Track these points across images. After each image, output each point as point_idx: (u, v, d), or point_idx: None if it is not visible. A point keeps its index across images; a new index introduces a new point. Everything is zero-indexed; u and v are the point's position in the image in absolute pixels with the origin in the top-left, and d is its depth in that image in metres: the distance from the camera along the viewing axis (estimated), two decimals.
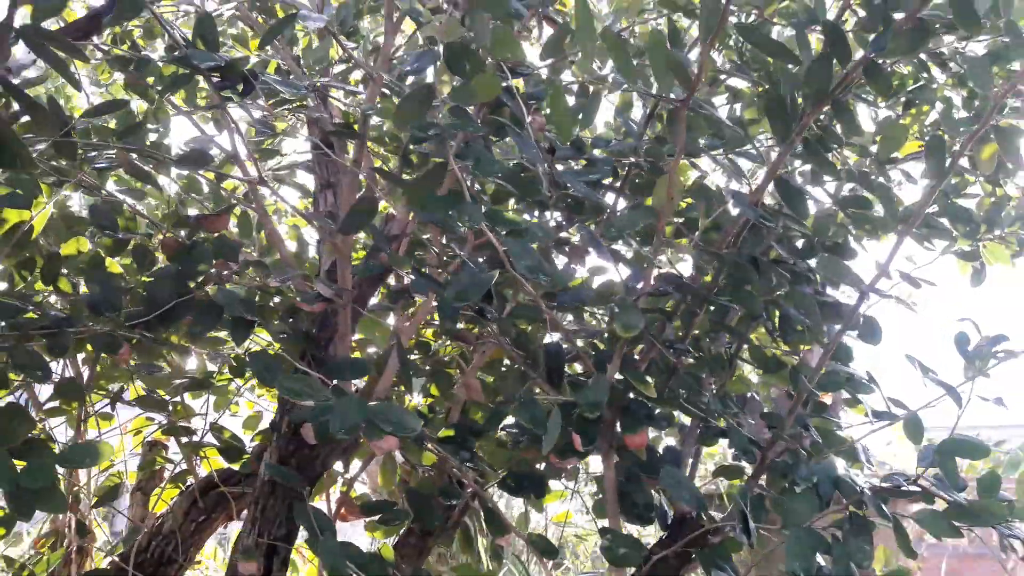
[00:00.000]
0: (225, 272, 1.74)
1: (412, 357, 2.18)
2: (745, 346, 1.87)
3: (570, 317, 1.73)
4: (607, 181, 1.83)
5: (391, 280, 2.18)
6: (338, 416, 1.27)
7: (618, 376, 1.53)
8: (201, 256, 1.54)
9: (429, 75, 2.04)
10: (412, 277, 1.50)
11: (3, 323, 1.41)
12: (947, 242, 2.21)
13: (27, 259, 1.68)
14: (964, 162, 2.28)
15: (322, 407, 1.31)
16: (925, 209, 1.56)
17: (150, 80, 1.91)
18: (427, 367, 2.14)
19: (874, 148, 1.84)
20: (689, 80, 1.27)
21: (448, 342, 2.26)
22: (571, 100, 2.44)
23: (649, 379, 1.40)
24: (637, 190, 1.96)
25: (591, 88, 1.77)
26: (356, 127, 2.12)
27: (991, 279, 2.44)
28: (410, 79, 1.62)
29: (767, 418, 1.85)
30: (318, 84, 1.71)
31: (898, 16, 1.30)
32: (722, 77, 1.66)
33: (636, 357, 1.50)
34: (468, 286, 1.27)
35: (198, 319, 1.51)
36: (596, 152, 1.81)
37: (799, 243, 1.62)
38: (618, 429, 1.54)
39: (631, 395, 1.48)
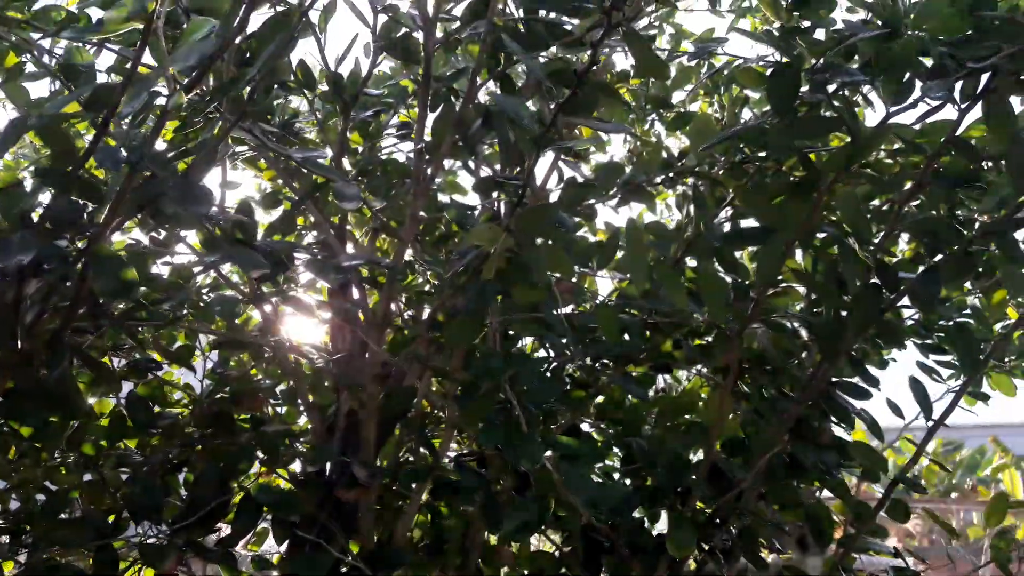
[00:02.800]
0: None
1: None
2: None
3: None
4: None
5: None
6: None
7: None
8: (243, 455, 1.53)
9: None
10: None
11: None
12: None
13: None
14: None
15: None
16: (958, 402, 1.60)
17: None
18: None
19: None
20: (743, 316, 1.29)
21: None
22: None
23: None
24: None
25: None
26: (381, 280, 2.11)
27: None
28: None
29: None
30: (355, 267, 1.70)
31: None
32: None
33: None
34: (527, 523, 1.28)
35: (239, 519, 1.50)
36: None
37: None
38: None
39: None
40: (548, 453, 1.39)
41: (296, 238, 2.55)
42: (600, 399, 2.18)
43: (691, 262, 1.77)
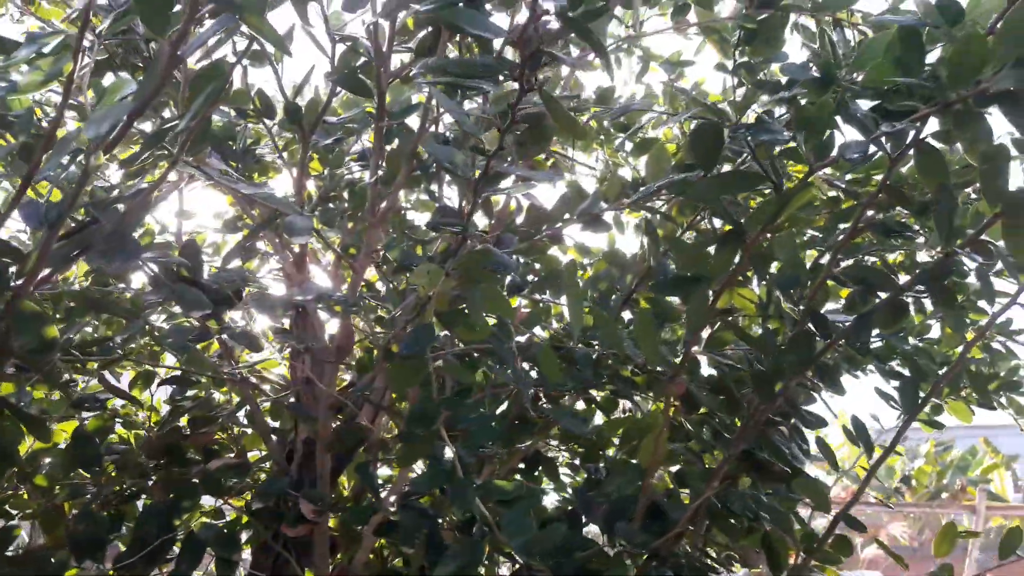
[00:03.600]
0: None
1: None
2: None
3: None
4: None
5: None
6: None
7: None
8: (190, 493, 1.54)
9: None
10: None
11: None
12: None
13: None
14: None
15: None
16: (901, 437, 1.61)
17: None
18: None
19: None
20: (674, 365, 1.31)
21: None
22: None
23: None
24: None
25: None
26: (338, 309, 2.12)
27: None
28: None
29: None
30: (305, 300, 1.71)
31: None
32: None
33: None
34: (463, 566, 1.28)
35: (183, 558, 1.51)
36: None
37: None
38: None
39: None
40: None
41: (261, 259, 2.56)
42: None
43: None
